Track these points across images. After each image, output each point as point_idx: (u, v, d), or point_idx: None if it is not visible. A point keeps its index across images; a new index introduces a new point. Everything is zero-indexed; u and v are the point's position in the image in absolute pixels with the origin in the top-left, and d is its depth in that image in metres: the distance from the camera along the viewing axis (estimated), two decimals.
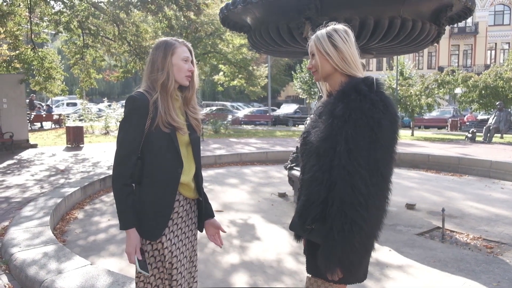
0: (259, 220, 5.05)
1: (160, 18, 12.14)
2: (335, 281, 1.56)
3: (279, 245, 4.16)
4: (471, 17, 5.45)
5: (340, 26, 1.64)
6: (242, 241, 4.28)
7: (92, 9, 11.04)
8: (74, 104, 33.76)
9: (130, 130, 1.75)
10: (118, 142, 1.78)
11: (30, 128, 16.49)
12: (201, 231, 2.00)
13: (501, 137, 15.87)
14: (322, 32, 1.64)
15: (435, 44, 5.39)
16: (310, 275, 1.68)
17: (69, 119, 19.78)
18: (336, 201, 1.46)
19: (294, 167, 6.08)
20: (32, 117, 18.93)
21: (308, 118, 5.92)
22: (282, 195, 6.36)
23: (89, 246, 4.18)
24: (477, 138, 15.09)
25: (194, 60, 1.89)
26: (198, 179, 1.91)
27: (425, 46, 5.44)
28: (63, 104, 34.72)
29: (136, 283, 1.86)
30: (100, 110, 24.67)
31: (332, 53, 1.59)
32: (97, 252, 3.98)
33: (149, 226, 1.78)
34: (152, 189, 1.79)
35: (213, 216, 2.01)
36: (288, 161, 6.26)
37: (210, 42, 21.27)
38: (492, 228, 4.78)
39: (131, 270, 3.50)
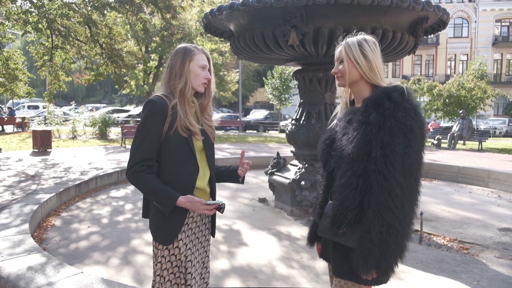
0: (243, 225, 5.06)
1: (134, 21, 11.93)
2: (368, 282, 1.60)
3: (267, 250, 4.18)
4: None
5: (369, 37, 1.73)
6: (229, 247, 4.27)
7: (66, 8, 10.67)
8: (36, 107, 32.46)
9: (149, 134, 1.74)
10: (135, 145, 1.76)
11: None
12: (213, 236, 2.00)
13: (464, 144, 16.66)
14: (353, 40, 1.71)
15: (412, 54, 5.62)
16: (338, 278, 1.70)
17: (33, 123, 19.00)
18: (372, 204, 1.51)
19: (275, 173, 6.13)
20: None
21: (289, 124, 6.08)
22: (263, 200, 6.39)
23: (71, 254, 4.04)
24: (442, 145, 15.78)
25: (212, 69, 1.92)
26: (212, 184, 1.92)
27: (403, 56, 5.67)
28: (23, 106, 33.33)
29: None
30: (65, 113, 23.86)
31: (361, 62, 1.67)
32: (81, 260, 3.86)
33: (164, 230, 1.78)
34: None
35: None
36: (269, 166, 6.30)
37: None
38: (465, 231, 5.01)
39: (120, 278, 3.43)
